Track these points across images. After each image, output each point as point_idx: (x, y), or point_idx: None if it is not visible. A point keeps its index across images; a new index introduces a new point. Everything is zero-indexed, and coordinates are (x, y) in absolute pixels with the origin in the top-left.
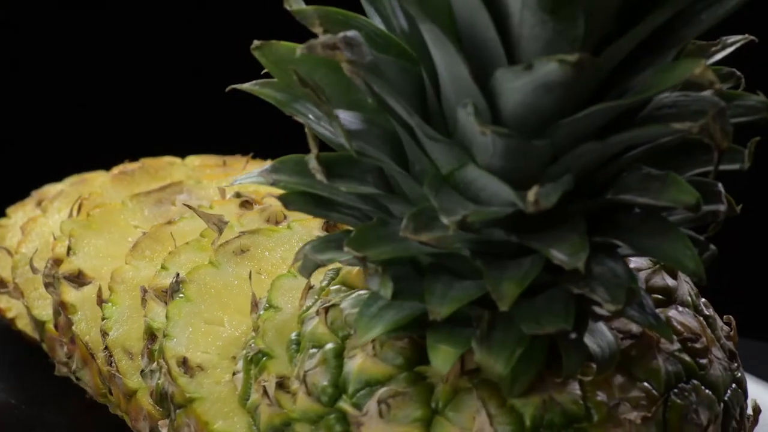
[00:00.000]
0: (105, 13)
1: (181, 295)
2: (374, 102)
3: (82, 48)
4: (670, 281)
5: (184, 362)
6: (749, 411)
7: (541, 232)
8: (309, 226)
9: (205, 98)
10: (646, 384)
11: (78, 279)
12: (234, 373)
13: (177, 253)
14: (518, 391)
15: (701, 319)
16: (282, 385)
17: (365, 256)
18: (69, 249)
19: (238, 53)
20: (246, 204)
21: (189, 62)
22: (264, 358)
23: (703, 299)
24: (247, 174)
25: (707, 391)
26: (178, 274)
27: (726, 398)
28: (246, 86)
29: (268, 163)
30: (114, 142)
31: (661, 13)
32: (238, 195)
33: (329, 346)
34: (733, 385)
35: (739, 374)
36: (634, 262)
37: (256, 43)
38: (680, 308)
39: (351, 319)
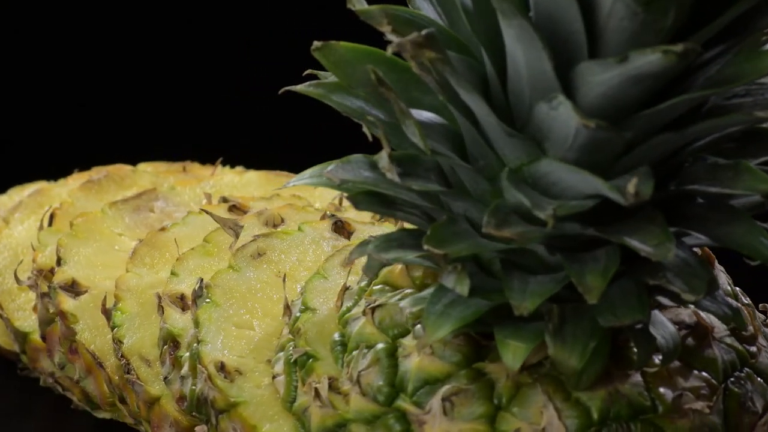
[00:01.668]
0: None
1: (208, 299)
2: (445, 99)
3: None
4: None
5: (222, 367)
6: None
7: (616, 225)
8: (319, 228)
9: (138, 105)
10: (704, 373)
11: (72, 288)
12: (274, 377)
13: (184, 259)
14: (585, 384)
15: (743, 307)
16: (331, 386)
17: (446, 254)
18: (59, 259)
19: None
20: (234, 209)
21: (119, 70)
22: (310, 360)
23: (738, 288)
24: (299, 176)
25: (759, 378)
26: (201, 279)
27: None
28: (299, 88)
29: (235, 168)
30: (45, 152)
31: (745, 3)
32: (224, 200)
33: (380, 345)
34: None
35: None
36: None
37: (316, 44)
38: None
39: (407, 317)
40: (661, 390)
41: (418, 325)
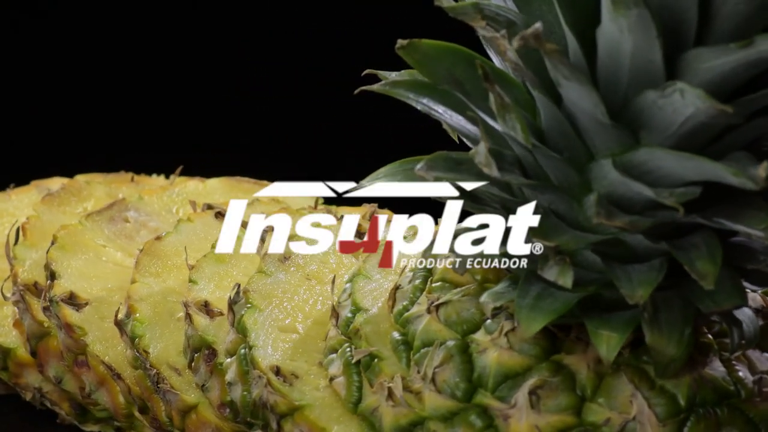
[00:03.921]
0: None
1: (249, 305)
2: (539, 92)
3: None
4: None
5: (278, 371)
6: None
7: (716, 210)
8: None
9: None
10: None
11: (72, 301)
12: (330, 378)
13: (199, 267)
14: (672, 371)
15: None
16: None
17: (557, 245)
18: (53, 273)
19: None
20: (220, 215)
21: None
22: (375, 360)
23: None
24: (373, 175)
25: None
26: (239, 285)
27: None
28: (376, 87)
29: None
30: None
31: None
32: (209, 207)
33: (450, 342)
34: None
35: None
36: None
37: (401, 42)
38: None
39: (488, 311)
40: (741, 374)
41: (489, 320)
